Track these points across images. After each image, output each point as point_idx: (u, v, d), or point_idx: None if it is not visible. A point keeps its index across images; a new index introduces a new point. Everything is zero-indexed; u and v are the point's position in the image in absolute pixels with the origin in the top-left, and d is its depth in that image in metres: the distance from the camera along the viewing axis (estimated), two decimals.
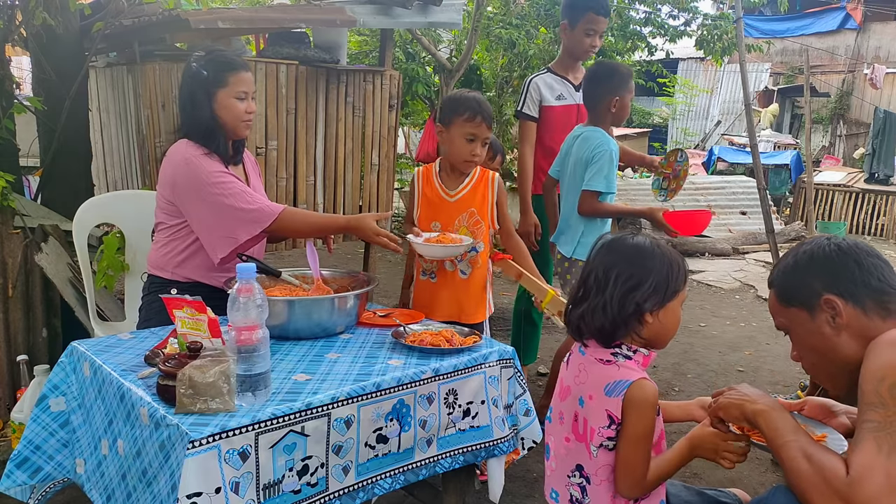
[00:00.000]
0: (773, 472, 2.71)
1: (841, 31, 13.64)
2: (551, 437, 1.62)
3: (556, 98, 3.17)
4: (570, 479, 1.56)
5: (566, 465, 1.56)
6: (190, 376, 1.39)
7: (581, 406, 1.51)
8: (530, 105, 3.17)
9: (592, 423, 1.47)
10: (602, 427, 1.45)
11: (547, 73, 3.25)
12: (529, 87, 3.20)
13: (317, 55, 3.57)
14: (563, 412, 1.57)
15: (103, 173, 3.91)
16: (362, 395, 1.59)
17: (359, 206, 4.01)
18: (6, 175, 2.75)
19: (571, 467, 1.55)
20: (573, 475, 1.55)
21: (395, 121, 4.07)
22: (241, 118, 2.17)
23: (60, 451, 1.76)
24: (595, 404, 1.47)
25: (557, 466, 1.59)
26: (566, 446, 1.56)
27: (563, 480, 1.57)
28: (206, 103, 2.14)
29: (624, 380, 1.44)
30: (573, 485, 1.55)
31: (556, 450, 1.60)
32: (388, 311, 2.15)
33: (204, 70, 2.12)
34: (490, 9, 6.96)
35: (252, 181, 2.33)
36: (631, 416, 1.42)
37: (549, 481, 1.64)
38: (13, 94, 3.17)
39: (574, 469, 1.55)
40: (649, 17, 7.47)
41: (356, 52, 7.23)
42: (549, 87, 3.17)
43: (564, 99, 3.17)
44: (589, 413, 1.48)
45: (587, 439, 1.50)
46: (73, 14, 3.31)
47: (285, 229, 2.16)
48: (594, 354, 1.52)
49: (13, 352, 2.79)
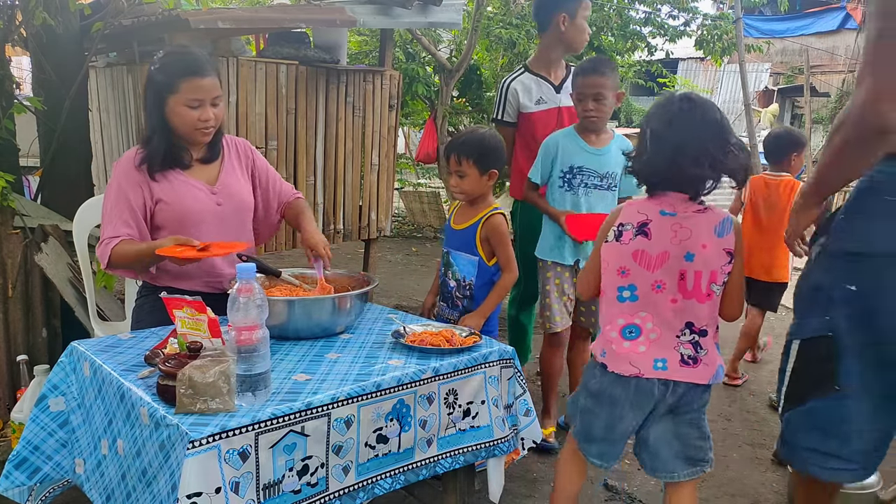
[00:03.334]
0: (773, 471, 2.71)
1: (841, 31, 13.65)
2: (641, 313, 1.73)
3: (535, 103, 3.03)
4: (679, 340, 1.72)
5: (673, 328, 1.72)
6: (190, 376, 1.39)
7: (689, 261, 1.68)
8: (510, 112, 3.06)
9: (712, 266, 1.68)
10: (724, 265, 1.69)
11: (524, 72, 3.09)
12: (507, 94, 3.06)
13: (317, 55, 3.57)
14: (662, 279, 1.70)
15: (103, 173, 3.91)
16: (362, 395, 1.59)
17: (359, 206, 4.01)
18: (6, 175, 2.75)
19: (680, 327, 1.72)
20: (683, 334, 1.72)
21: (395, 121, 4.08)
22: (193, 126, 2.06)
23: (59, 451, 1.76)
24: (711, 249, 1.68)
25: (660, 335, 1.72)
26: (673, 308, 1.71)
27: (671, 344, 1.72)
28: (156, 108, 2.07)
29: (725, 218, 1.70)
30: (684, 343, 1.72)
31: (656, 319, 1.72)
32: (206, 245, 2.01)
33: (158, 74, 2.05)
34: (490, 9, 6.96)
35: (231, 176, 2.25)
36: (738, 244, 1.70)
37: (645, 356, 1.72)
38: (13, 94, 3.17)
39: (683, 328, 1.71)
40: (649, 17, 7.46)
41: (356, 52, 7.23)
42: (527, 92, 3.03)
43: (545, 102, 3.03)
44: (705, 261, 1.68)
45: (699, 291, 1.69)
46: (73, 14, 3.31)
47: (120, 266, 2.09)
48: (689, 209, 1.71)
49: (13, 352, 2.79)
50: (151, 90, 2.08)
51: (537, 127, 3.02)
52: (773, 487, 2.60)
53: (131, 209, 2.09)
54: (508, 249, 2.35)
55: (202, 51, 2.14)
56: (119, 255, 2.04)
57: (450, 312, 2.43)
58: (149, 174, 2.11)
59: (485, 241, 2.35)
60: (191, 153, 2.19)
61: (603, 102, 2.58)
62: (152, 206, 2.12)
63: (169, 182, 2.14)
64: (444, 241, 2.52)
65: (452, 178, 2.38)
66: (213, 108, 2.08)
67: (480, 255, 2.35)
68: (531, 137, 3.00)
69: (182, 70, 2.03)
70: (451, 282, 2.42)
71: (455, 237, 2.43)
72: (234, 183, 2.26)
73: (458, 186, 2.37)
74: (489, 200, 2.41)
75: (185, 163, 2.17)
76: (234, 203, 2.23)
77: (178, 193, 2.13)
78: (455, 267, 2.41)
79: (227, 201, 2.21)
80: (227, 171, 2.26)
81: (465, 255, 2.37)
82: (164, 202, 2.12)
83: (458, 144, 2.35)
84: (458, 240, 2.41)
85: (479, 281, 2.35)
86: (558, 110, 3.02)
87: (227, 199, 2.21)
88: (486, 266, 2.35)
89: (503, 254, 2.34)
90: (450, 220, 2.51)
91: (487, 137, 2.35)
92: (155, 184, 2.12)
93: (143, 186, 2.11)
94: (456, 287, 2.41)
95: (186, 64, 2.04)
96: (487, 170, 2.33)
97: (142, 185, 2.11)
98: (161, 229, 2.15)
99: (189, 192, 2.15)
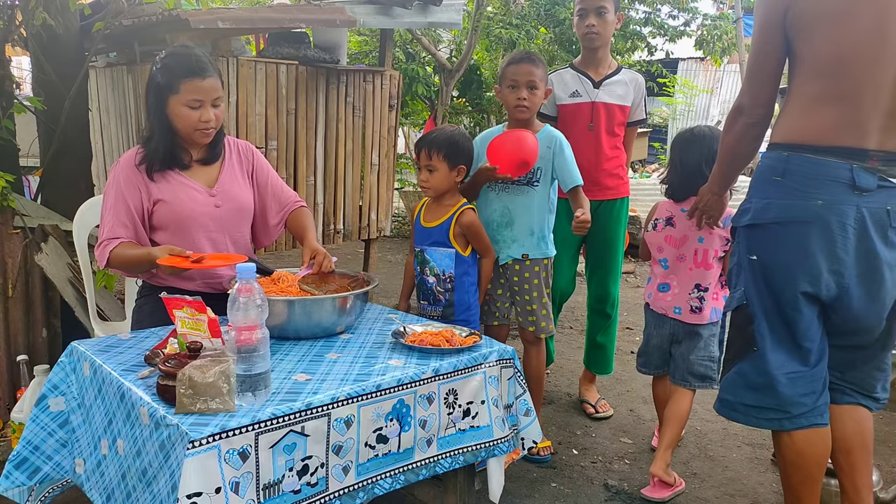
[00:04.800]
0: (772, 472, 2.71)
1: None
2: (671, 276, 2.56)
3: (569, 95, 3.05)
4: (690, 296, 2.52)
5: (687, 287, 2.53)
6: (190, 376, 1.39)
7: (701, 242, 2.48)
8: (547, 105, 3.03)
9: (715, 246, 2.47)
10: (723, 245, 2.47)
11: (568, 68, 3.15)
12: None
13: (317, 55, 3.57)
14: (683, 253, 2.52)
15: (103, 173, 3.92)
16: (362, 395, 1.59)
17: (359, 206, 4.01)
18: (6, 175, 2.75)
19: (691, 288, 2.52)
20: (693, 292, 2.52)
21: (395, 121, 4.08)
22: (194, 127, 2.07)
23: (59, 451, 1.76)
24: (715, 234, 2.46)
25: (680, 291, 2.54)
26: (690, 274, 2.52)
27: (685, 298, 2.53)
28: (157, 108, 2.08)
29: (728, 215, 2.35)
30: (693, 298, 2.52)
31: (678, 282, 2.54)
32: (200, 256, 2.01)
33: (159, 74, 2.06)
34: (490, 9, 6.96)
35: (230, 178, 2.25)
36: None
37: (670, 304, 2.57)
38: (13, 94, 3.17)
39: (693, 287, 2.52)
40: (649, 17, 7.47)
41: (356, 52, 7.24)
42: (563, 84, 3.06)
43: (579, 96, 3.04)
44: (710, 242, 2.47)
45: (707, 262, 2.48)
46: (73, 14, 3.31)
47: (119, 268, 2.11)
48: None
49: (13, 352, 2.79)
50: (153, 90, 2.08)
51: (570, 120, 3.04)
52: (772, 487, 2.60)
53: (129, 210, 2.09)
54: (485, 238, 2.48)
55: (203, 51, 2.14)
56: (117, 257, 2.05)
57: (432, 309, 2.46)
58: (148, 174, 2.11)
59: (459, 235, 2.41)
60: (190, 154, 2.19)
61: (534, 93, 2.55)
62: (150, 206, 2.12)
63: (168, 183, 2.14)
64: (414, 240, 2.53)
65: (422, 172, 2.43)
66: (213, 108, 2.09)
67: (456, 248, 2.41)
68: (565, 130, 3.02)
69: (183, 71, 2.03)
70: (430, 278, 2.45)
71: (427, 234, 2.47)
72: (233, 185, 2.25)
73: (428, 181, 2.42)
74: (457, 197, 2.47)
75: (184, 163, 2.17)
76: (233, 205, 2.23)
77: (176, 194, 2.13)
78: (432, 263, 2.44)
79: (225, 203, 2.21)
80: (226, 173, 2.25)
81: (441, 249, 2.42)
82: (162, 202, 2.12)
83: (428, 140, 2.42)
84: (431, 237, 2.45)
85: (458, 270, 2.42)
86: (592, 105, 3.01)
87: (226, 202, 2.21)
88: (463, 257, 2.42)
89: (481, 243, 2.47)
90: (419, 219, 2.52)
91: (457, 134, 2.44)
92: (154, 184, 2.12)
93: (142, 187, 2.11)
94: (436, 282, 2.44)
95: (188, 64, 2.04)
96: (456, 165, 2.40)
97: (140, 185, 2.11)
98: (159, 230, 2.15)
99: (187, 194, 2.15)
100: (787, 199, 1.83)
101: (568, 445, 2.87)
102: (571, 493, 2.50)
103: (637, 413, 3.25)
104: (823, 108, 1.79)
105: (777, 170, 1.86)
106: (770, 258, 1.87)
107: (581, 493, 2.51)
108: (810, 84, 1.82)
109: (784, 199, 1.84)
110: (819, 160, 1.79)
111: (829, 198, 1.77)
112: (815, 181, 1.79)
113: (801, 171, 1.81)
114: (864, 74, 1.73)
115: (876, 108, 1.74)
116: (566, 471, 2.66)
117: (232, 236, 2.23)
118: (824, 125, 1.79)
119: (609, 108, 3.01)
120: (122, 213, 2.09)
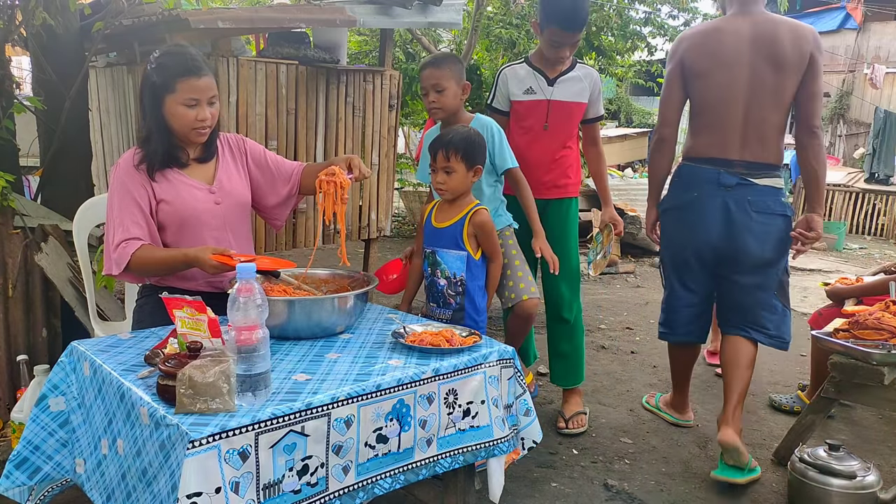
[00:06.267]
0: (772, 472, 2.71)
1: (841, 30, 13.64)
2: None
3: (523, 92, 2.97)
4: None
5: None
6: (190, 376, 1.39)
7: None
8: (500, 99, 3.02)
9: None
10: None
11: (523, 63, 3.04)
12: (499, 80, 3.04)
13: (317, 55, 3.57)
14: None
15: (103, 173, 3.92)
16: (362, 395, 1.59)
17: (359, 206, 4.01)
18: (6, 175, 2.75)
19: None
20: None
21: (395, 121, 4.08)
22: (190, 126, 2.07)
23: (59, 450, 1.76)
24: None
25: None
26: None
27: None
28: (153, 108, 2.08)
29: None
30: None
31: None
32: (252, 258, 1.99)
33: (154, 74, 2.06)
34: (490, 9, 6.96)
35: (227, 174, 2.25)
36: None
37: None
38: (13, 94, 3.17)
39: None
40: (649, 17, 7.47)
41: (356, 52, 7.24)
42: (517, 80, 2.98)
43: (533, 93, 2.96)
44: None
45: None
46: (73, 14, 3.31)
47: (140, 271, 2.07)
48: None
49: (13, 352, 2.79)
50: (148, 90, 2.08)
51: (524, 117, 2.98)
52: (773, 487, 2.60)
53: (140, 208, 2.08)
54: (495, 240, 2.45)
55: (197, 50, 2.14)
56: (140, 259, 2.01)
57: (441, 311, 2.43)
58: (149, 174, 2.12)
59: (472, 236, 2.38)
60: (187, 152, 2.19)
61: (443, 94, 2.60)
62: (155, 205, 2.12)
63: (169, 182, 2.14)
64: (425, 241, 2.49)
65: (439, 174, 2.37)
66: (209, 107, 2.09)
67: (468, 250, 2.37)
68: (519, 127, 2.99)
69: (179, 70, 2.04)
70: (441, 280, 2.42)
71: (438, 235, 2.43)
72: (230, 181, 2.26)
73: (445, 183, 2.37)
74: (470, 197, 2.45)
75: (182, 162, 2.17)
76: (232, 201, 2.24)
77: (178, 193, 2.14)
78: (444, 265, 2.40)
79: (225, 199, 2.22)
80: (223, 169, 2.26)
81: (453, 251, 2.39)
82: (165, 202, 2.12)
83: (445, 141, 2.36)
84: (443, 238, 2.41)
85: (469, 275, 2.38)
86: (548, 103, 2.94)
87: (225, 198, 2.22)
88: (475, 260, 2.39)
89: (491, 245, 2.43)
90: (430, 220, 2.49)
91: (473, 133, 2.40)
92: (155, 184, 2.12)
93: (146, 186, 2.11)
94: (447, 285, 2.41)
95: (184, 64, 2.04)
96: (473, 165, 2.37)
97: (144, 184, 2.11)
98: (162, 229, 2.15)
99: (189, 193, 2.15)
100: (678, 192, 2.79)
101: (568, 445, 2.87)
102: (572, 493, 2.50)
103: (637, 413, 3.25)
104: (702, 133, 2.71)
105: (675, 175, 2.83)
106: (668, 231, 2.87)
107: (581, 492, 2.51)
108: (696, 118, 2.74)
109: (676, 193, 2.80)
110: (696, 167, 2.71)
111: (701, 191, 2.67)
112: (694, 181, 2.71)
113: (686, 175, 2.75)
114: (723, 112, 2.62)
115: (734, 133, 2.61)
116: (566, 471, 2.66)
117: (234, 232, 2.24)
118: (702, 144, 2.70)
119: (565, 107, 2.94)
120: (135, 212, 2.07)
